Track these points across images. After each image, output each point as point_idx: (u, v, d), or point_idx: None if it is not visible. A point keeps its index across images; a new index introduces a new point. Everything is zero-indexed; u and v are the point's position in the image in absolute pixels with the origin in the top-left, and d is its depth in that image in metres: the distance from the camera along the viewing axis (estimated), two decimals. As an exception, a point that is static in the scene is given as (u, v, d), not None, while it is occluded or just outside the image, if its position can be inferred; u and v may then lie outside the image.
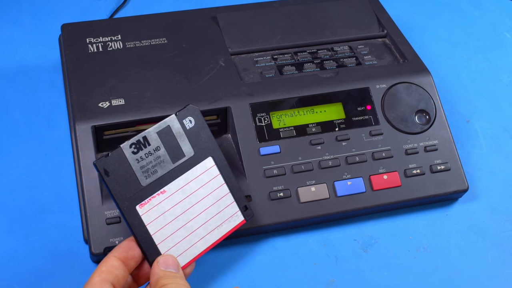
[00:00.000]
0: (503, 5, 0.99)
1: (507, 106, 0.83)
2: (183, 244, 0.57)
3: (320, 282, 0.64)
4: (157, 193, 0.57)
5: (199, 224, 0.58)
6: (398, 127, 0.70)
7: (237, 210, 0.60)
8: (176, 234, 0.57)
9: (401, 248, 0.67)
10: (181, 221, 0.57)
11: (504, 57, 0.90)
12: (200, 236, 0.58)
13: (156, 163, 0.57)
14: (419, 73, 0.73)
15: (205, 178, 0.59)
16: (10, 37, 0.89)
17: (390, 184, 0.68)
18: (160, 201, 0.57)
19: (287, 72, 0.73)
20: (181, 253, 0.57)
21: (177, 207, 0.57)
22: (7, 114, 0.78)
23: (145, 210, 0.56)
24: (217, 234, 0.59)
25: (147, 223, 0.56)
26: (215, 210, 0.59)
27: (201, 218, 0.58)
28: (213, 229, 0.59)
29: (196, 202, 0.58)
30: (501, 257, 0.67)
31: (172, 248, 0.57)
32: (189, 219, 0.58)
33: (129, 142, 0.56)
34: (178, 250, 0.57)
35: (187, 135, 0.58)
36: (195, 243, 0.58)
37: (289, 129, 0.69)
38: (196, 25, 0.77)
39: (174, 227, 0.57)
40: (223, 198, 0.59)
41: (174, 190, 0.57)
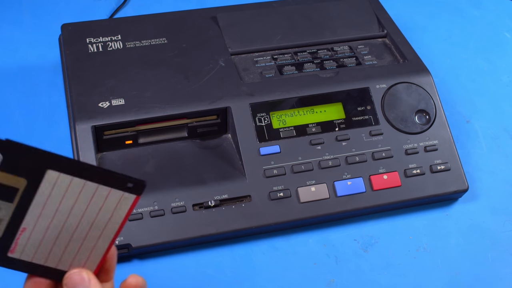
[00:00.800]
0: (503, 5, 0.99)
1: (507, 106, 0.83)
2: (82, 252, 0.52)
3: (320, 282, 0.64)
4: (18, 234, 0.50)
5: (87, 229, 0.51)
6: (398, 127, 0.70)
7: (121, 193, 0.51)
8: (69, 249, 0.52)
9: (401, 248, 0.67)
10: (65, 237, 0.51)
11: (504, 57, 0.90)
12: (95, 237, 0.52)
13: None
14: (419, 73, 0.73)
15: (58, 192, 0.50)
16: (10, 37, 0.89)
17: (390, 184, 0.68)
18: (27, 238, 0.50)
19: (287, 72, 0.73)
20: (86, 260, 0.52)
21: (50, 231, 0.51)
22: (7, 114, 0.78)
23: (19, 253, 0.51)
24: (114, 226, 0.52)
25: (31, 259, 0.51)
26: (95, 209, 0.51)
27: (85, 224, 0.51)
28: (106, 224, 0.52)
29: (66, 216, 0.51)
30: (501, 257, 0.67)
31: (74, 261, 0.52)
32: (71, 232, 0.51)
33: None
34: (80, 260, 0.52)
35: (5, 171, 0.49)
36: (94, 245, 0.52)
37: (289, 129, 0.69)
38: (196, 25, 0.77)
39: (61, 247, 0.51)
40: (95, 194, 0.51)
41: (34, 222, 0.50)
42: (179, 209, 0.64)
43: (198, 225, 0.64)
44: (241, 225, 0.64)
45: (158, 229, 0.63)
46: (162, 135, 0.68)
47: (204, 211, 0.64)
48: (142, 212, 0.63)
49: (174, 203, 0.64)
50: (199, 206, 0.65)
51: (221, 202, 0.65)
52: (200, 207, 0.65)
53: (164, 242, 0.63)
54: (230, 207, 0.65)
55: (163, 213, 0.63)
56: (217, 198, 0.65)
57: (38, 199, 0.50)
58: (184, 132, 0.69)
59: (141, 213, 0.63)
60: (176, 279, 0.63)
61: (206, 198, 0.65)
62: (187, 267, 0.64)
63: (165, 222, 0.63)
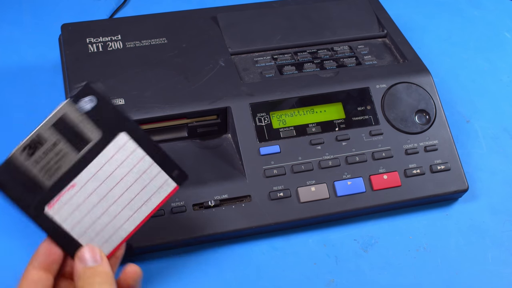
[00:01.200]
0: (503, 5, 0.99)
1: (507, 106, 0.83)
2: (107, 230, 0.53)
3: (320, 282, 0.64)
4: (66, 189, 0.52)
5: (123, 206, 0.54)
6: (398, 127, 0.70)
7: (166, 178, 0.54)
8: (97, 223, 0.53)
9: (401, 248, 0.67)
10: (101, 208, 0.53)
11: (504, 57, 0.90)
12: (126, 217, 0.53)
13: (58, 158, 0.52)
14: (419, 73, 0.73)
15: (120, 156, 0.53)
16: (10, 37, 0.89)
17: (390, 184, 0.68)
18: (71, 195, 0.52)
19: (287, 72, 0.73)
20: (106, 240, 0.53)
21: (93, 196, 0.53)
22: (7, 114, 0.78)
23: (56, 210, 0.52)
24: (145, 210, 0.54)
25: (61, 221, 0.52)
26: (139, 186, 0.54)
27: (125, 199, 0.53)
28: (140, 206, 0.54)
29: (114, 184, 0.53)
30: (501, 257, 0.67)
31: (95, 238, 0.53)
32: (109, 204, 0.53)
33: (21, 145, 0.51)
34: (102, 238, 0.53)
35: (90, 118, 0.52)
36: (120, 225, 0.53)
37: (289, 129, 0.69)
38: (196, 25, 0.77)
39: (93, 217, 0.53)
40: (147, 171, 0.54)
41: (85, 180, 0.52)
42: (179, 209, 0.64)
43: (198, 225, 0.64)
44: (241, 225, 0.64)
45: (158, 229, 0.63)
46: (162, 135, 0.68)
47: (204, 211, 0.64)
48: (142, 212, 0.63)
49: (174, 203, 0.64)
50: (199, 206, 0.65)
51: (221, 202, 0.65)
52: (200, 207, 0.65)
53: (164, 242, 0.63)
54: (230, 207, 0.65)
55: (163, 213, 0.63)
56: (217, 198, 0.65)
57: (100, 158, 0.53)
58: (184, 132, 0.69)
59: (141, 213, 0.63)
60: (176, 279, 0.63)
61: (206, 198, 0.65)
62: (187, 267, 0.64)
63: (165, 222, 0.63)
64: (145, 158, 0.54)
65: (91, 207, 0.53)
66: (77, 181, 0.52)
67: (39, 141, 0.51)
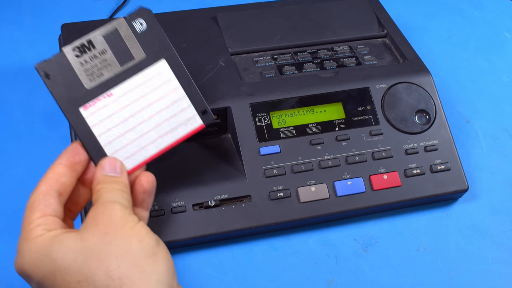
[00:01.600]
0: (503, 5, 0.99)
1: (507, 106, 0.83)
2: (132, 146, 0.56)
3: (320, 282, 0.64)
4: (103, 95, 0.55)
5: (150, 127, 0.56)
6: (398, 127, 0.70)
7: (195, 114, 0.58)
8: (124, 137, 0.55)
9: (401, 248, 0.67)
10: (130, 124, 0.56)
11: (504, 57, 0.90)
12: (151, 139, 0.56)
13: (102, 66, 0.56)
14: (419, 73, 0.73)
15: (157, 81, 0.57)
16: (10, 37, 0.89)
17: (390, 184, 0.68)
18: (106, 104, 0.55)
19: (287, 72, 0.73)
20: (129, 156, 0.55)
21: (126, 110, 0.56)
22: (7, 114, 0.78)
23: (90, 113, 0.55)
24: (170, 138, 0.57)
25: (92, 125, 0.55)
26: (168, 113, 0.57)
27: (153, 121, 0.56)
28: (166, 133, 0.57)
29: (147, 105, 0.56)
30: (501, 257, 0.67)
31: (119, 151, 0.55)
32: (138, 122, 0.56)
33: (72, 45, 0.55)
34: (126, 153, 0.55)
35: (138, 38, 0.56)
36: (145, 146, 0.56)
37: (289, 129, 0.69)
38: (196, 25, 0.77)
39: (122, 130, 0.55)
40: (178, 101, 0.57)
41: (122, 93, 0.56)
42: (179, 209, 0.64)
43: (198, 225, 0.64)
44: (241, 225, 0.64)
45: (159, 229, 0.63)
46: (162, 135, 0.68)
47: (204, 211, 0.64)
48: (142, 212, 0.63)
49: (174, 203, 0.64)
50: (199, 206, 0.65)
51: (221, 202, 0.65)
52: (200, 207, 0.65)
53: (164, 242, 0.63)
54: (230, 207, 0.65)
55: (163, 213, 0.63)
56: (217, 198, 0.65)
57: (139, 77, 0.56)
58: (184, 132, 0.69)
59: (141, 213, 0.63)
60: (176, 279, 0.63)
61: (206, 198, 0.65)
62: (187, 267, 0.64)
63: (165, 222, 0.63)
64: (178, 89, 0.57)
65: (122, 120, 0.56)
66: (114, 92, 0.56)
67: (89, 46, 0.55)
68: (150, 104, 0.57)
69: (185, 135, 0.58)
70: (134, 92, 0.56)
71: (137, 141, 0.56)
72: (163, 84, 0.57)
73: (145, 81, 0.57)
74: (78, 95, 0.55)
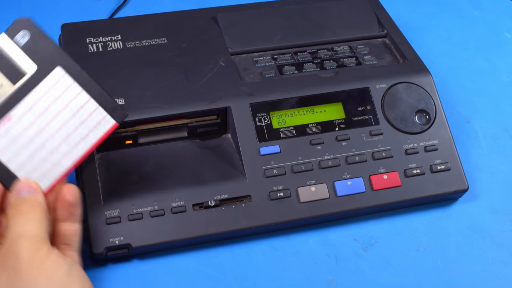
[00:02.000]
0: (503, 5, 0.99)
1: (507, 106, 0.83)
2: (46, 165, 0.54)
3: (320, 282, 0.64)
4: (2, 121, 0.53)
5: (60, 140, 0.54)
6: (398, 127, 0.70)
7: (105, 115, 0.56)
8: (35, 157, 0.54)
9: (401, 248, 0.67)
10: (38, 142, 0.54)
11: (504, 57, 0.90)
12: (63, 152, 0.54)
13: None
14: (419, 73, 0.73)
15: (57, 90, 0.54)
16: (10, 37, 0.89)
17: (390, 184, 0.68)
18: (7, 128, 0.53)
19: (287, 72, 0.73)
20: (44, 175, 0.54)
21: (30, 130, 0.54)
22: (7, 114, 0.78)
23: None
24: (84, 146, 0.55)
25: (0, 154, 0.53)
26: (76, 121, 0.55)
27: (62, 134, 0.54)
28: (78, 142, 0.55)
29: (51, 119, 0.54)
30: (501, 257, 0.67)
31: (32, 172, 0.54)
32: (46, 138, 0.54)
33: None
34: (40, 172, 0.54)
35: (25, 51, 0.54)
36: (58, 161, 0.54)
37: (289, 129, 0.69)
38: (196, 25, 0.77)
39: (30, 151, 0.54)
40: (84, 106, 0.55)
41: (22, 113, 0.54)
42: (179, 209, 0.64)
43: (198, 225, 0.64)
44: (241, 225, 0.64)
45: (158, 229, 0.63)
46: (162, 135, 0.68)
47: (204, 211, 0.64)
48: (142, 212, 0.63)
49: (174, 203, 0.64)
50: (199, 206, 0.65)
51: (221, 202, 0.65)
52: (200, 207, 0.65)
53: (164, 242, 0.63)
54: (230, 207, 0.65)
55: (163, 213, 0.63)
56: (217, 198, 0.65)
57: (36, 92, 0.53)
58: (184, 132, 0.69)
59: (141, 213, 0.63)
60: (176, 279, 0.63)
61: (206, 198, 0.65)
62: (187, 267, 0.64)
63: (165, 222, 0.63)
64: (81, 93, 0.55)
65: (28, 140, 0.54)
66: (13, 114, 0.53)
67: None
68: (55, 116, 0.54)
69: (99, 140, 0.56)
70: (34, 108, 0.54)
71: (49, 158, 0.54)
72: (63, 92, 0.55)
73: (44, 94, 0.54)
74: None
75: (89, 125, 0.55)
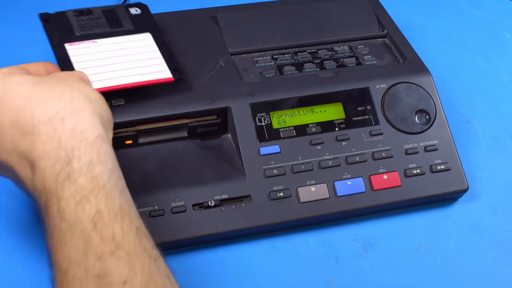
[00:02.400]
0: (503, 5, 0.99)
1: (507, 106, 0.83)
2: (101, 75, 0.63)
3: (320, 282, 0.64)
4: (89, 41, 0.66)
5: (123, 68, 0.64)
6: (398, 127, 0.70)
7: (166, 69, 0.65)
8: (97, 70, 0.63)
9: (401, 248, 0.67)
10: (106, 62, 0.64)
11: (504, 57, 0.90)
12: (121, 74, 0.64)
13: (94, 24, 0.67)
14: (419, 73, 0.73)
15: (139, 42, 0.67)
16: (10, 37, 0.89)
17: (390, 184, 0.68)
18: (89, 46, 0.65)
19: (287, 72, 0.73)
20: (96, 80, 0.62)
21: (105, 53, 0.65)
22: (7, 114, 0.78)
23: (73, 48, 0.65)
24: (139, 78, 0.64)
25: (72, 55, 0.64)
26: (143, 63, 0.65)
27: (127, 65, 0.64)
28: (136, 74, 0.64)
29: (124, 54, 0.65)
30: (501, 257, 0.67)
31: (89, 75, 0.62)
32: (113, 62, 0.64)
33: (73, 10, 0.68)
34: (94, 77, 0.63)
35: (130, 18, 0.69)
36: (113, 77, 0.63)
37: (289, 129, 0.69)
38: (196, 25, 0.77)
39: (97, 64, 0.64)
40: (153, 59, 0.66)
41: (105, 43, 0.66)
42: (179, 209, 0.64)
43: (198, 225, 0.64)
44: (241, 225, 0.64)
45: (158, 229, 0.63)
46: (162, 135, 0.68)
47: (204, 211, 0.64)
48: (142, 212, 0.63)
49: (174, 203, 0.64)
50: (199, 206, 0.65)
51: (221, 202, 0.65)
52: (200, 207, 0.65)
53: (163, 242, 0.63)
54: (230, 207, 0.65)
55: (163, 213, 0.63)
56: (217, 198, 0.65)
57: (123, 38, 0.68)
58: (184, 132, 0.69)
59: (141, 213, 0.63)
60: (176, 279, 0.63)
61: (206, 198, 0.65)
62: (187, 267, 0.64)
63: (165, 222, 0.63)
64: (156, 52, 0.66)
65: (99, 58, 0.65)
66: (99, 41, 0.66)
67: (87, 12, 0.68)
68: (128, 54, 0.65)
69: (153, 80, 0.64)
70: (116, 44, 0.66)
71: (107, 73, 0.63)
72: (143, 45, 0.67)
73: (128, 41, 0.67)
74: (68, 37, 0.66)
75: (151, 69, 0.65)
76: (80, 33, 0.66)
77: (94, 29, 0.66)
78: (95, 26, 0.67)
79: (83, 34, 0.66)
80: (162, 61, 0.65)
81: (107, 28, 0.67)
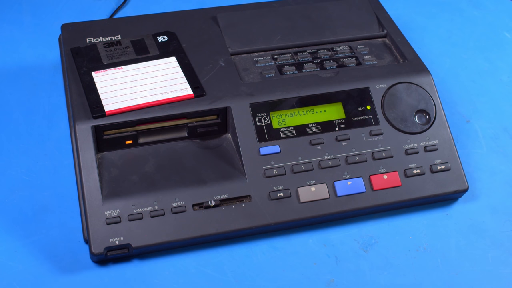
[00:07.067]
0: (503, 5, 0.99)
1: (507, 106, 0.83)
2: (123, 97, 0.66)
3: (320, 282, 0.64)
4: (115, 68, 0.69)
5: (145, 88, 0.67)
6: (398, 127, 0.70)
7: (187, 87, 0.68)
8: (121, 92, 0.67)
9: (401, 248, 0.67)
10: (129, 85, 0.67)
11: (504, 57, 0.90)
12: (143, 95, 0.67)
13: (121, 53, 0.71)
14: (419, 73, 0.73)
15: (163, 66, 0.70)
16: (10, 37, 0.89)
17: (390, 184, 0.68)
18: (115, 72, 0.69)
19: (287, 72, 0.73)
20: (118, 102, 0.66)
21: (129, 77, 0.68)
22: (7, 114, 0.78)
23: (99, 75, 0.68)
24: (160, 97, 0.67)
25: (97, 82, 0.68)
26: (165, 83, 0.68)
27: (149, 86, 0.67)
28: (157, 94, 0.67)
29: (149, 76, 0.69)
30: (501, 257, 0.67)
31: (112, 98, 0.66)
32: (137, 84, 0.68)
33: (104, 42, 0.72)
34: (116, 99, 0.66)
35: (157, 44, 0.72)
36: (136, 98, 0.66)
37: (289, 129, 0.69)
38: (196, 25, 0.77)
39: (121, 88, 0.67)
40: (176, 79, 0.69)
41: (131, 68, 0.69)
42: (179, 209, 0.64)
43: (198, 225, 0.64)
44: (241, 225, 0.64)
45: (158, 229, 0.63)
46: (162, 135, 0.68)
47: (204, 211, 0.64)
48: (142, 212, 0.63)
49: (174, 203, 0.64)
50: (199, 206, 0.65)
51: (221, 202, 0.65)
52: (200, 207, 0.65)
53: (164, 242, 0.63)
54: (230, 207, 0.65)
55: (163, 213, 0.63)
56: (217, 198, 0.65)
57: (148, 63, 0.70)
58: (184, 132, 0.69)
59: (141, 213, 0.63)
60: (176, 279, 0.63)
61: (206, 198, 0.65)
62: (187, 267, 0.64)
63: (165, 222, 0.63)
64: (179, 73, 0.69)
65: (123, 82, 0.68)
66: (125, 67, 0.69)
67: (117, 43, 0.72)
68: (151, 76, 0.69)
69: (174, 98, 0.67)
70: (141, 68, 0.69)
71: (130, 94, 0.67)
72: (167, 68, 0.70)
73: (153, 65, 0.70)
74: (95, 66, 0.69)
75: (172, 88, 0.68)
76: (108, 62, 0.70)
77: (121, 57, 0.70)
78: (123, 54, 0.71)
79: (110, 62, 0.70)
80: (184, 80, 0.68)
81: (134, 55, 0.70)
